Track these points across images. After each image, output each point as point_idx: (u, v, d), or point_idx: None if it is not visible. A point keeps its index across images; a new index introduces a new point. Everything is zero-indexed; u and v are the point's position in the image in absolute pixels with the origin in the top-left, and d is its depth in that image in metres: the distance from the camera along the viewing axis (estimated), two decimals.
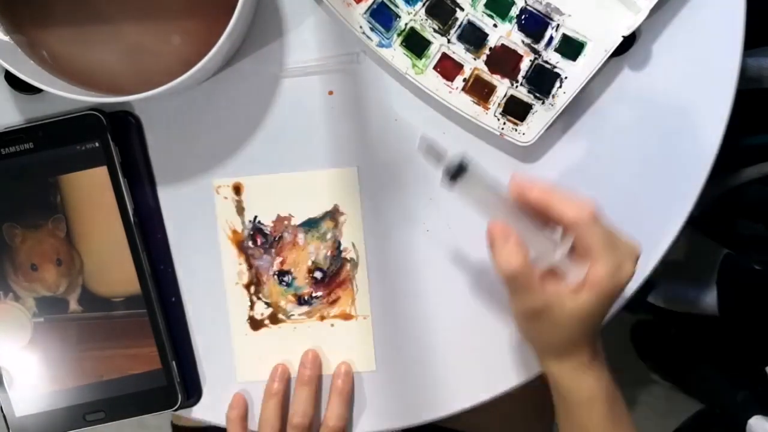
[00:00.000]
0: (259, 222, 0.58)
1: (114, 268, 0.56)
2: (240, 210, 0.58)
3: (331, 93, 0.57)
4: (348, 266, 0.58)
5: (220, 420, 0.59)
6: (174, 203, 0.58)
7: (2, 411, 0.56)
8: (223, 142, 0.57)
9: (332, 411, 0.57)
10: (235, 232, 0.58)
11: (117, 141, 0.56)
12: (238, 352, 0.59)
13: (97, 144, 0.55)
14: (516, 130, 0.55)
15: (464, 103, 0.55)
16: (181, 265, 0.59)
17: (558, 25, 0.54)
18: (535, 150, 0.56)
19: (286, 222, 0.58)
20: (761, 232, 0.94)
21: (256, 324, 0.59)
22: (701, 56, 0.56)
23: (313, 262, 0.58)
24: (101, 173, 0.56)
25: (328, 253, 0.58)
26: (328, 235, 0.58)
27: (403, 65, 0.55)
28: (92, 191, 0.56)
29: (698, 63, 0.56)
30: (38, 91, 0.54)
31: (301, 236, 0.58)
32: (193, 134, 0.57)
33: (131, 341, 0.57)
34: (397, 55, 0.54)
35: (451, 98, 0.55)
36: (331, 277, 0.58)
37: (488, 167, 0.57)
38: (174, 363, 0.57)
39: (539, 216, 0.49)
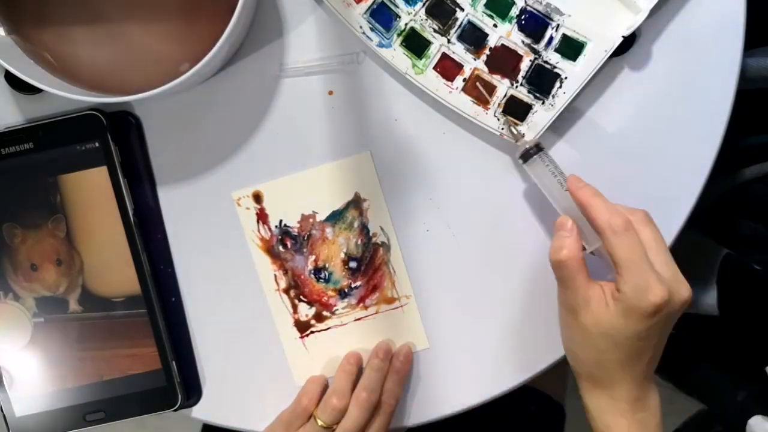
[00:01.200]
0: (285, 225, 0.58)
1: (114, 268, 0.56)
2: (264, 217, 0.58)
3: (331, 93, 0.57)
4: (381, 250, 0.58)
5: (220, 420, 0.59)
6: (174, 203, 0.58)
7: (2, 411, 0.56)
8: (223, 142, 0.57)
9: (386, 387, 0.57)
10: (263, 239, 0.58)
11: (117, 141, 0.56)
12: (291, 357, 0.59)
13: (97, 144, 0.55)
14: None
15: (464, 103, 0.55)
16: (181, 265, 0.59)
17: (558, 25, 0.54)
18: None
19: (311, 220, 0.58)
20: (761, 232, 0.94)
21: (302, 326, 0.59)
22: (701, 56, 0.56)
23: (345, 254, 0.58)
24: (101, 173, 0.56)
25: (359, 242, 0.58)
26: (355, 224, 0.58)
27: (403, 65, 0.55)
28: (92, 191, 0.56)
29: (698, 63, 0.56)
30: (38, 91, 0.54)
31: (329, 230, 0.58)
32: (193, 134, 0.57)
33: (131, 341, 0.57)
34: (397, 55, 0.54)
35: (451, 98, 0.55)
36: (367, 264, 0.58)
37: (489, 167, 0.57)
38: (174, 363, 0.57)
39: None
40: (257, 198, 0.58)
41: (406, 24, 0.54)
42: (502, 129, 0.55)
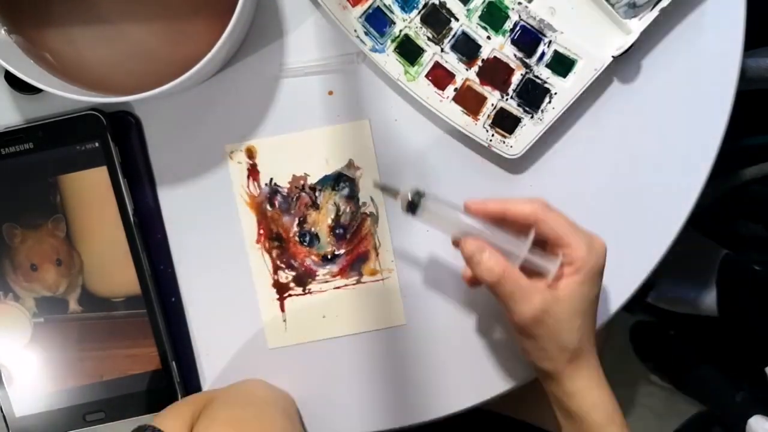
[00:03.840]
0: (275, 184, 0.58)
1: (114, 268, 0.57)
2: (255, 174, 0.58)
3: (331, 93, 0.57)
4: (369, 221, 0.58)
5: None
6: (174, 203, 0.58)
7: (2, 411, 0.56)
8: (223, 142, 0.57)
9: None
10: (252, 196, 0.58)
11: (117, 141, 0.56)
12: (266, 319, 0.59)
13: (97, 144, 0.55)
14: (504, 142, 0.55)
15: (454, 113, 0.55)
16: (181, 265, 0.59)
17: (550, 41, 0.54)
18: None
19: (302, 182, 0.58)
20: (761, 233, 0.94)
21: (282, 288, 0.59)
22: (701, 57, 0.56)
23: (332, 220, 0.58)
24: (101, 173, 0.56)
25: (348, 209, 0.58)
26: (346, 191, 0.58)
27: (396, 71, 0.55)
28: (92, 191, 0.56)
29: (698, 63, 0.56)
30: (38, 91, 0.54)
31: (319, 194, 0.58)
32: (193, 134, 0.58)
33: (131, 341, 0.57)
34: (390, 60, 0.54)
35: (442, 107, 0.55)
36: (353, 233, 0.58)
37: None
38: (174, 363, 0.57)
39: (504, 226, 0.49)
40: (250, 153, 0.57)
41: (400, 30, 0.54)
42: (491, 140, 0.55)
